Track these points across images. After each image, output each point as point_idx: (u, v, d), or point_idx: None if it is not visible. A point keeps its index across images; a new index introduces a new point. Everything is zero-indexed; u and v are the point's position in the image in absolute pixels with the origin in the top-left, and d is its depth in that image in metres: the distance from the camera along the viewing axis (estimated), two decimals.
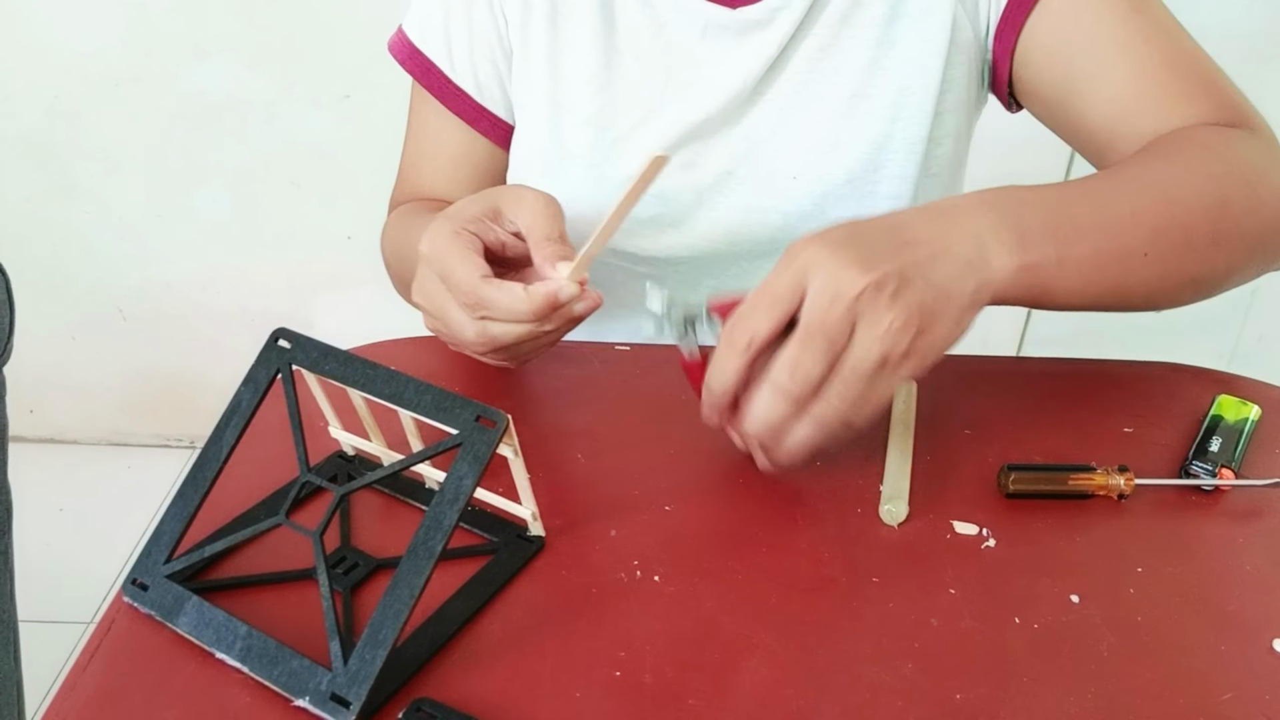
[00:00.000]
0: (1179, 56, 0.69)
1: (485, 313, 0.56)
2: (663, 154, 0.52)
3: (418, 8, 0.80)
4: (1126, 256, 0.58)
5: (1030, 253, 0.54)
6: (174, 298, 1.81)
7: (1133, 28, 0.69)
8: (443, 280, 0.58)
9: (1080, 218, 0.57)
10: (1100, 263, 0.57)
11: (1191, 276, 0.61)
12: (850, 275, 0.48)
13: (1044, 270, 0.55)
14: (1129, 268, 0.58)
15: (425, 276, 0.59)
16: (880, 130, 0.74)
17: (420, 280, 0.60)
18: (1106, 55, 0.69)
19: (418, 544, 0.46)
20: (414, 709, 0.45)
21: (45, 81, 1.62)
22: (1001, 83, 0.76)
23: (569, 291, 0.55)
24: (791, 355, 0.49)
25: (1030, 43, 0.72)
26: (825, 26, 0.73)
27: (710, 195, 0.77)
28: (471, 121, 0.80)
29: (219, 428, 0.52)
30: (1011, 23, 0.72)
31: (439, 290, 0.58)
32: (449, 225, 0.58)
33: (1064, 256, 0.55)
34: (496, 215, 0.60)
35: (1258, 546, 0.56)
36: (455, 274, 0.56)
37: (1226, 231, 0.61)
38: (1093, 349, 0.78)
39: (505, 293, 0.55)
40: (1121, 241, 0.58)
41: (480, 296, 0.55)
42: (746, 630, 0.50)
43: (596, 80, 0.75)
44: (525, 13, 0.76)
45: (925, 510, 0.57)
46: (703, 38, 0.74)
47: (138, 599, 0.50)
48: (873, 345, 0.48)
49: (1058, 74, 0.71)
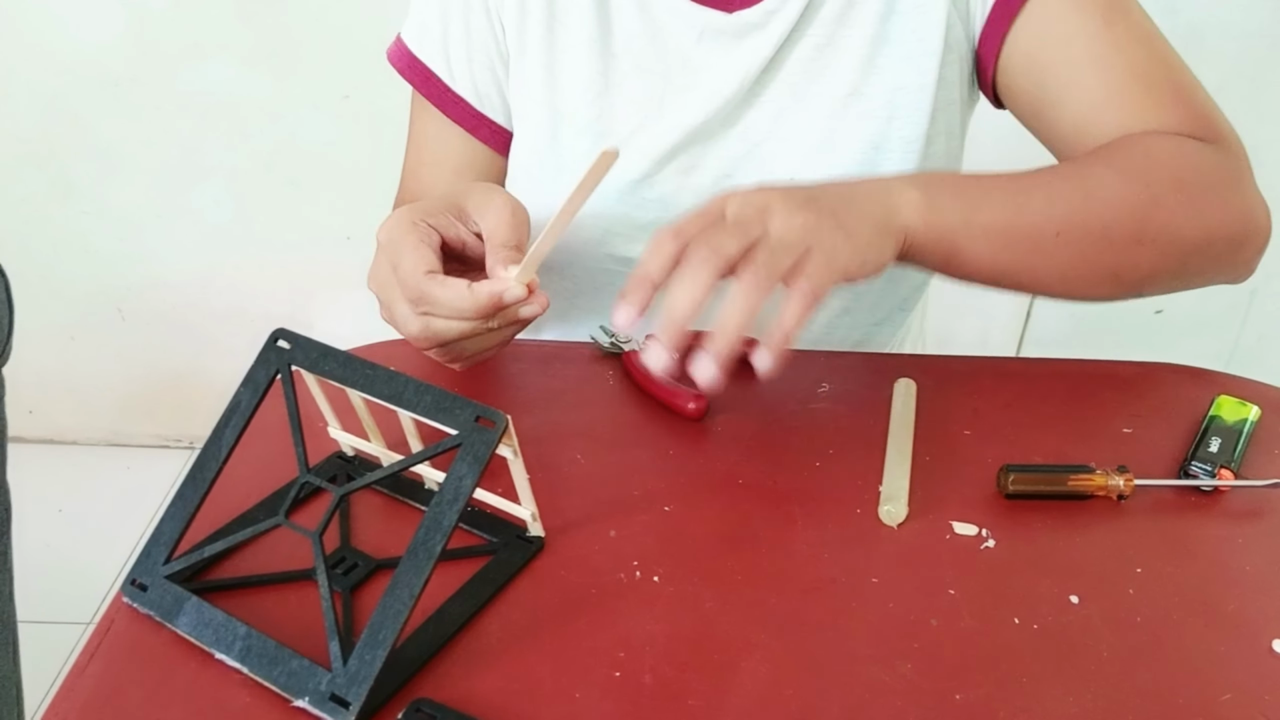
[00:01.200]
0: (1152, 67, 0.71)
1: (427, 308, 0.56)
2: (612, 149, 0.52)
3: (415, 16, 0.80)
4: (1036, 235, 0.62)
5: (937, 208, 0.59)
6: (173, 298, 1.81)
7: (1107, 38, 0.70)
8: (393, 270, 0.58)
9: (992, 192, 0.62)
10: (1009, 235, 0.61)
11: (1111, 270, 0.64)
12: (764, 192, 0.54)
13: (950, 227, 0.60)
14: (1039, 246, 0.62)
15: (380, 264, 0.60)
16: (876, 129, 0.74)
17: (375, 266, 0.60)
18: (1080, 65, 0.71)
19: (417, 544, 0.46)
20: (413, 709, 0.45)
21: (45, 81, 1.62)
22: (987, 84, 0.77)
23: (515, 293, 0.56)
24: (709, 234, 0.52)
25: (1012, 50, 0.74)
26: (821, 26, 0.73)
27: (709, 198, 0.77)
28: (471, 129, 0.80)
29: (218, 428, 0.52)
30: (996, 29, 0.73)
31: (390, 280, 0.58)
32: (409, 215, 0.59)
33: (970, 221, 0.60)
34: (461, 213, 0.61)
35: (1257, 547, 0.56)
36: (402, 265, 0.56)
37: (1154, 232, 0.63)
38: (1092, 349, 0.78)
39: (448, 289, 0.55)
40: (1031, 220, 0.62)
41: (422, 290, 0.56)
42: (746, 630, 0.50)
43: (594, 87, 0.75)
44: (522, 19, 0.75)
45: (925, 511, 0.57)
46: (699, 42, 0.74)
47: (137, 599, 0.50)
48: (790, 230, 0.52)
49: (1034, 81, 0.73)
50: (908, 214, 0.59)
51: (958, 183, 0.62)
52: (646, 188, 0.77)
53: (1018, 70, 0.74)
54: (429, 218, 0.59)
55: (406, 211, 0.59)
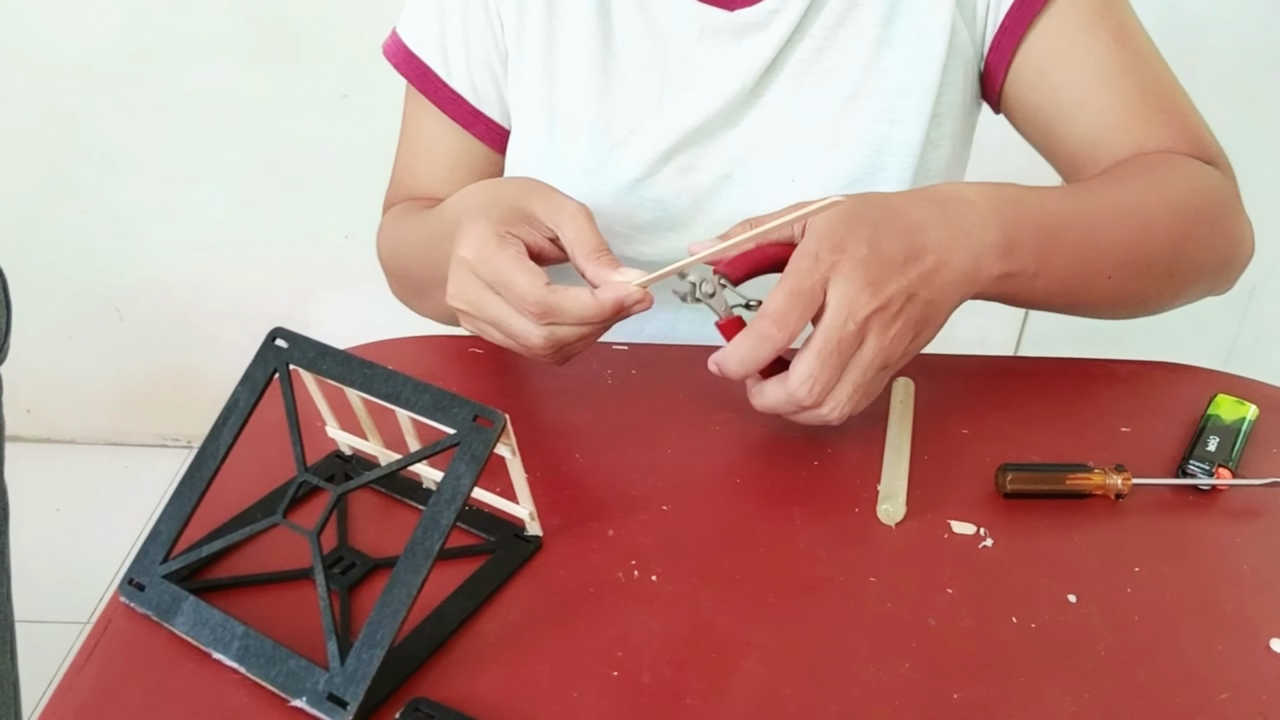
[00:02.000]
0: (1158, 89, 0.73)
1: (554, 319, 0.57)
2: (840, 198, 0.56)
3: (412, 11, 0.79)
4: (1093, 277, 0.64)
5: (1013, 265, 0.60)
6: (171, 297, 1.81)
7: (1119, 59, 0.72)
8: (495, 287, 0.57)
9: (1066, 239, 0.62)
10: (1068, 281, 0.63)
11: (1142, 299, 0.67)
12: (864, 299, 0.54)
13: (1019, 280, 0.61)
14: (1091, 286, 0.64)
15: (468, 282, 0.58)
16: (877, 133, 0.74)
17: (461, 285, 0.59)
18: (1092, 84, 0.72)
19: (415, 544, 0.46)
20: (411, 709, 0.45)
21: (45, 81, 1.62)
22: (992, 91, 0.77)
23: (635, 297, 0.57)
24: (811, 372, 0.54)
25: (1023, 61, 0.74)
26: (822, 27, 0.73)
27: (708, 199, 0.77)
28: (467, 125, 0.80)
29: (216, 427, 0.52)
30: (1009, 37, 0.73)
31: (488, 297, 0.58)
32: (489, 229, 0.58)
33: (1040, 272, 0.61)
34: (531, 219, 0.60)
35: (1255, 546, 0.56)
36: (516, 284, 0.56)
37: (1183, 265, 0.67)
38: (1091, 349, 0.78)
39: (574, 300, 0.56)
40: (1094, 264, 0.63)
41: (549, 305, 0.56)
42: (744, 630, 0.50)
43: (593, 85, 0.75)
44: (521, 16, 0.75)
45: (923, 510, 0.57)
46: (699, 41, 0.73)
47: (134, 599, 0.50)
48: (877, 354, 0.55)
49: (1043, 96, 0.74)
50: (985, 282, 0.59)
51: (1043, 231, 0.61)
52: (645, 187, 0.76)
53: (1028, 84, 0.74)
54: (511, 228, 0.59)
55: (484, 225, 0.58)
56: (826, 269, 0.54)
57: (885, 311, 0.54)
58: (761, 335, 0.54)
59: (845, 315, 0.54)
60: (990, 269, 0.59)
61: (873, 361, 0.55)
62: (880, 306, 0.54)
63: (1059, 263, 0.62)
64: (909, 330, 0.56)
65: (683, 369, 0.69)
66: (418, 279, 0.75)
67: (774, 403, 0.57)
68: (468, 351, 0.72)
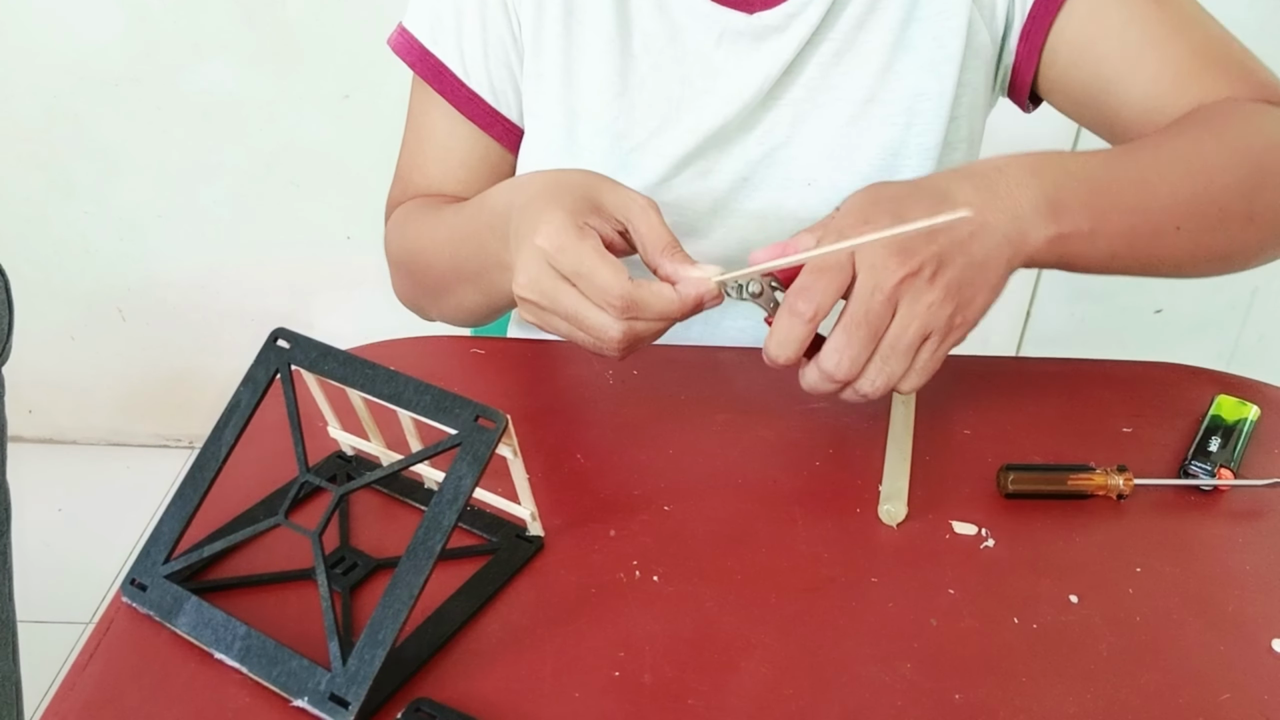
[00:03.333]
0: (1207, 44, 0.70)
1: (636, 314, 0.55)
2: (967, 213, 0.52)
3: (424, 7, 0.78)
4: (1159, 232, 0.61)
5: (1065, 224, 0.57)
6: (173, 298, 1.81)
7: (1159, 21, 0.70)
8: (573, 279, 0.56)
9: (1120, 193, 0.60)
10: (1132, 237, 0.60)
11: (1222, 252, 0.64)
12: (891, 266, 0.52)
13: (1075, 241, 0.58)
14: (1160, 242, 0.61)
15: (543, 272, 0.56)
16: (894, 136, 0.74)
17: (534, 274, 0.56)
18: (1136, 51, 0.70)
19: (417, 544, 0.46)
20: (413, 709, 0.45)
21: (45, 81, 1.62)
22: (1024, 83, 0.76)
23: (713, 293, 0.56)
24: (837, 346, 0.53)
25: (1058, 42, 0.73)
26: (841, 31, 0.72)
27: (726, 202, 0.76)
28: (485, 126, 0.79)
29: (218, 428, 0.52)
30: (1039, 23, 0.72)
31: (564, 289, 0.56)
32: (568, 218, 0.56)
33: (1096, 230, 0.58)
34: (601, 210, 0.58)
35: (1257, 546, 0.56)
36: (599, 276, 0.55)
37: (1261, 208, 0.63)
38: (1092, 349, 0.78)
39: (657, 296, 0.55)
40: (1156, 218, 0.60)
41: (634, 299, 0.55)
42: (746, 630, 0.50)
43: (613, 88, 0.74)
44: (539, 16, 0.74)
45: (924, 510, 0.57)
46: (719, 44, 0.73)
47: (136, 599, 0.50)
48: (911, 323, 0.53)
49: (1087, 72, 0.72)
50: (1035, 244, 0.57)
51: (1089, 186, 0.59)
52: (663, 191, 0.76)
53: (1068, 64, 0.73)
54: (588, 220, 0.57)
55: (563, 214, 0.56)
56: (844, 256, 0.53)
57: (917, 278, 0.52)
58: (790, 312, 0.53)
59: (872, 285, 0.52)
60: (1037, 232, 0.56)
61: (908, 330, 0.53)
62: (911, 273, 0.52)
63: (1117, 219, 0.59)
64: (948, 299, 0.53)
65: (685, 370, 0.69)
66: (441, 277, 0.73)
67: (813, 382, 0.55)
68: (470, 352, 0.72)
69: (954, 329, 0.55)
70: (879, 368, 0.54)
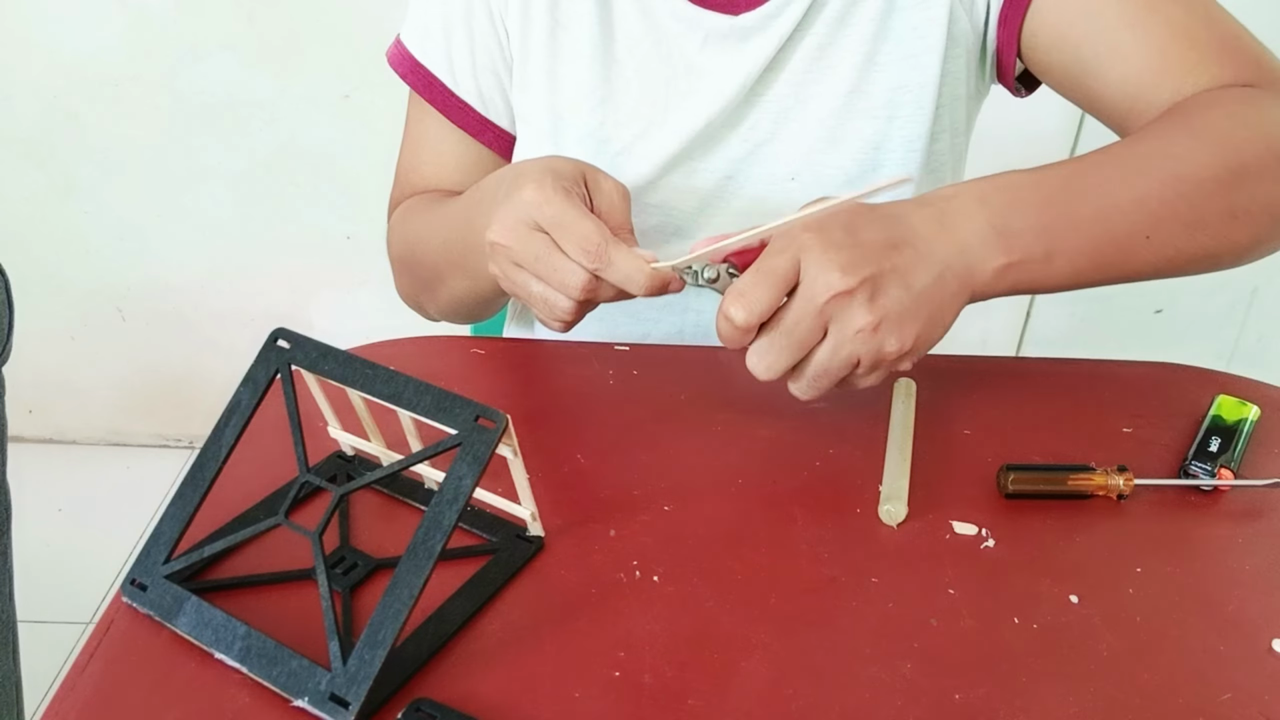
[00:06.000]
0: (1190, 21, 0.68)
1: (604, 266, 0.57)
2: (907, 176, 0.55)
3: (415, 19, 0.79)
4: (1127, 243, 0.59)
5: (1014, 252, 0.56)
6: (173, 298, 1.81)
7: (1139, 2, 0.68)
8: (553, 228, 0.57)
9: (1077, 209, 0.58)
10: (1096, 253, 0.59)
11: (1207, 252, 0.61)
12: (829, 279, 0.52)
13: (1030, 267, 0.57)
14: (1130, 252, 0.60)
15: (518, 220, 0.58)
16: (877, 129, 0.74)
17: (509, 223, 0.58)
18: (1114, 32, 0.69)
19: (417, 544, 0.46)
20: (413, 709, 0.45)
21: (45, 81, 1.62)
22: (1008, 70, 0.75)
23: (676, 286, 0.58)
24: (758, 349, 0.54)
25: (1036, 25, 0.72)
26: (824, 25, 0.73)
27: (712, 201, 0.77)
28: (475, 134, 0.80)
29: (218, 428, 0.52)
30: (1015, 8, 0.72)
31: (537, 235, 0.57)
32: (558, 180, 0.58)
33: (1053, 251, 0.57)
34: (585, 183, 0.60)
35: (1257, 547, 0.56)
36: (582, 225, 0.56)
37: (1245, 203, 0.61)
38: (1092, 349, 0.78)
39: (629, 256, 0.57)
40: (1121, 229, 0.59)
41: (610, 252, 0.56)
42: (746, 630, 0.50)
43: (597, 93, 0.75)
44: (525, 24, 0.75)
45: (924, 510, 0.57)
46: (703, 46, 0.73)
47: (137, 599, 0.50)
48: (841, 348, 0.53)
49: (1068, 55, 0.71)
50: (984, 277, 0.56)
51: (1042, 208, 0.58)
52: (650, 193, 0.76)
53: (1048, 47, 0.72)
54: (577, 187, 0.59)
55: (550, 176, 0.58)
56: (799, 247, 0.52)
57: (851, 298, 0.52)
58: (723, 315, 0.54)
59: (807, 295, 0.52)
60: (984, 264, 0.56)
61: (836, 355, 0.53)
62: (846, 291, 0.51)
63: (1075, 238, 0.58)
64: (882, 328, 0.52)
65: (685, 370, 0.69)
66: (434, 266, 0.74)
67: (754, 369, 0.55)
68: (470, 352, 0.72)
69: (884, 359, 0.54)
70: (810, 383, 0.55)
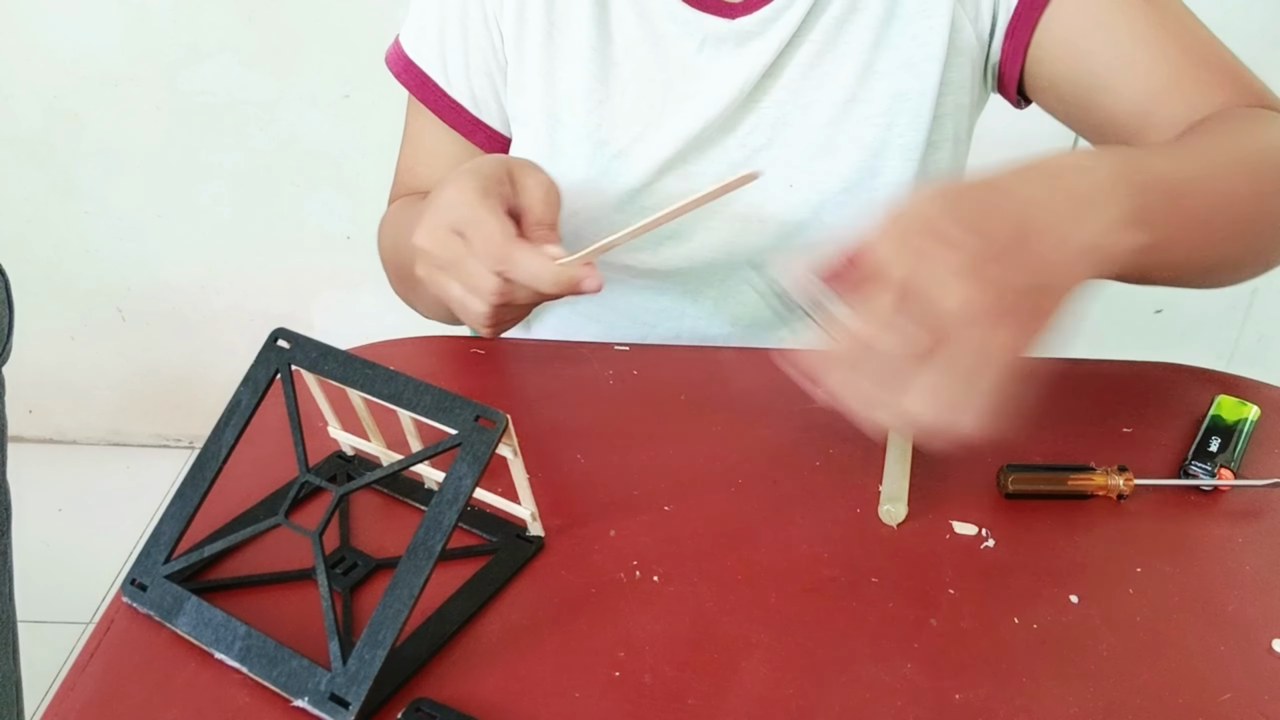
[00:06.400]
0: (1198, 45, 0.70)
1: (508, 268, 0.58)
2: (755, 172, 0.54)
3: (413, 20, 0.80)
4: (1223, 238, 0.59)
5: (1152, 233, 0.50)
6: (173, 298, 1.81)
7: (1150, 20, 0.69)
8: (463, 231, 0.59)
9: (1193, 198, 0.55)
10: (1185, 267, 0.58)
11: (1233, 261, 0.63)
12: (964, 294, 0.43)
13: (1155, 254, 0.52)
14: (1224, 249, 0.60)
15: (439, 223, 0.60)
16: (875, 136, 0.74)
17: (430, 226, 0.61)
18: (1127, 49, 0.69)
19: (417, 544, 0.46)
20: (413, 709, 0.45)
21: (45, 81, 1.62)
22: (1010, 81, 0.75)
23: (591, 284, 0.59)
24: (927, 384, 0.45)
25: (1045, 39, 0.72)
26: (823, 31, 0.72)
27: (707, 205, 0.77)
28: (468, 134, 0.80)
29: (218, 428, 0.52)
30: (1025, 20, 0.72)
31: (453, 238, 0.60)
32: (476, 181, 0.60)
33: (1174, 239, 0.53)
34: (512, 181, 0.62)
35: (1257, 547, 0.56)
36: (486, 225, 0.58)
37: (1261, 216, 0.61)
38: (1092, 349, 0.78)
39: (531, 256, 0.58)
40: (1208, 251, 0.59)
41: (509, 252, 0.58)
42: (746, 630, 0.50)
43: (594, 95, 0.75)
44: (520, 28, 0.75)
45: (924, 510, 0.57)
46: (701, 50, 0.73)
47: (137, 599, 0.50)
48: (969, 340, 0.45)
49: (1077, 70, 0.71)
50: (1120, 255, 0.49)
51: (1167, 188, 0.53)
52: (646, 195, 0.76)
53: (1054, 60, 0.72)
54: (498, 186, 0.61)
55: (471, 177, 0.60)
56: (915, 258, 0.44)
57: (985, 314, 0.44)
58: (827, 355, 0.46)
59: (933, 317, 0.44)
60: (1122, 242, 0.49)
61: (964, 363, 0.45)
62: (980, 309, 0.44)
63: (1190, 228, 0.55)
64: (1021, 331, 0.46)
65: (685, 370, 0.69)
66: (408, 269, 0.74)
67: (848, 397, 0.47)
68: (470, 352, 0.72)
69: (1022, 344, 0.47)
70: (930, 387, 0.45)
